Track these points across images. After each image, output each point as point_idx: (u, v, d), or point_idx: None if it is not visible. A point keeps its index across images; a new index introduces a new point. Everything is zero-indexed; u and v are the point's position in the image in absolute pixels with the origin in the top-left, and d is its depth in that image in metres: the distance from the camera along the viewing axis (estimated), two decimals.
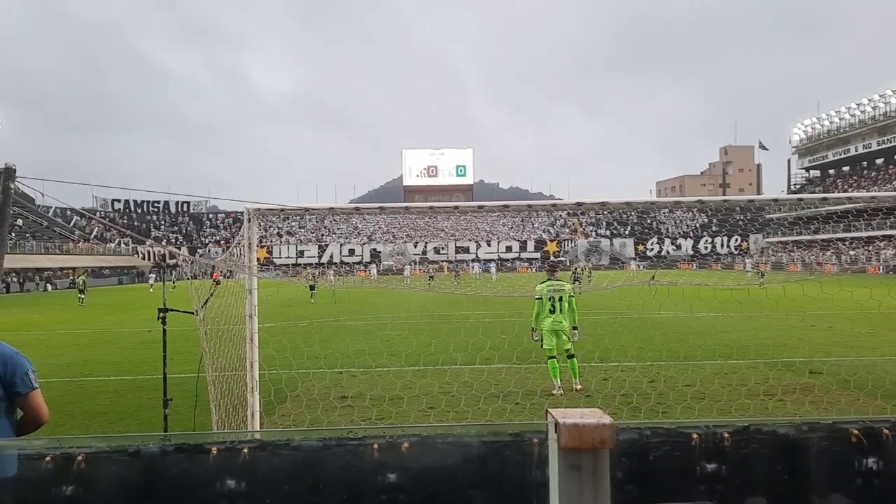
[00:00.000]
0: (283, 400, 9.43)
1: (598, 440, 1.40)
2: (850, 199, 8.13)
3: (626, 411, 8.87)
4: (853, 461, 3.61)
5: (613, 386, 10.44)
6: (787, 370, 11.89)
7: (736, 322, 19.59)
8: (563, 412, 1.48)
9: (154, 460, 3.55)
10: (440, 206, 9.25)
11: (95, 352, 17.13)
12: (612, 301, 26.99)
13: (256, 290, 7.27)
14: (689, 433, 3.63)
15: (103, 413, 10.00)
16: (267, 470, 3.55)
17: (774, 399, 9.40)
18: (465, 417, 8.71)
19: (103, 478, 3.47)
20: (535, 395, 9.90)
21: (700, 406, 9.05)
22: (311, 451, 3.53)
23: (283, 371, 10.43)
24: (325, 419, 8.68)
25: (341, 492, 3.32)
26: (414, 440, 3.29)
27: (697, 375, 11.16)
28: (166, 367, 7.34)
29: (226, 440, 3.93)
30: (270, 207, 8.10)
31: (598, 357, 12.91)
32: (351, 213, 8.22)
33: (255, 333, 7.14)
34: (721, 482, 3.57)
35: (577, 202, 8.60)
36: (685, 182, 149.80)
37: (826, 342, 15.69)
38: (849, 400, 9.34)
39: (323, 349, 15.01)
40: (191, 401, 7.19)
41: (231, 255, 8.03)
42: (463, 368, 11.85)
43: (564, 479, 1.43)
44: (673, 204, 13.07)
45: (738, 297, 23.28)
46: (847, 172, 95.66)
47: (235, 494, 3.48)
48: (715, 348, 14.30)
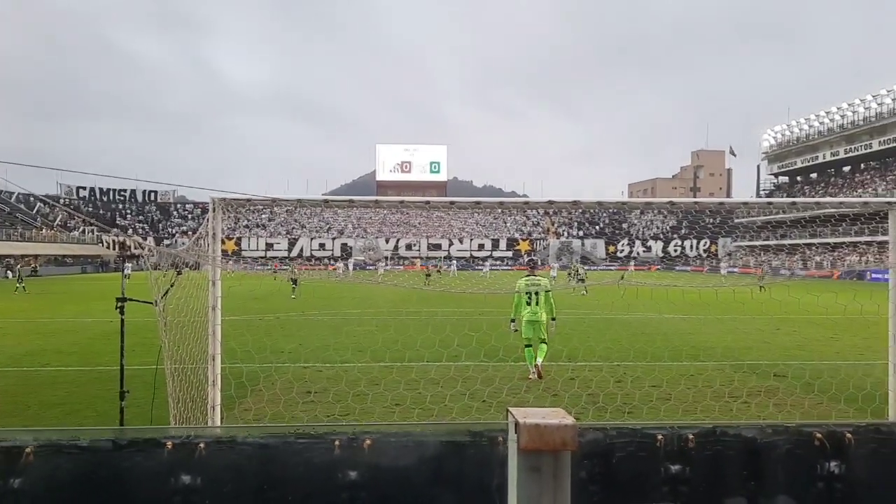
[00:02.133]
0: (245, 395, 9.26)
1: (560, 441, 1.32)
2: (818, 204, 8.19)
3: (593, 411, 8.86)
4: (816, 465, 3.60)
5: (580, 385, 10.43)
6: (753, 373, 11.99)
7: (703, 324, 19.77)
8: (525, 412, 1.40)
9: (106, 454, 3.42)
10: (411, 200, 9.13)
11: (54, 341, 16.76)
12: (581, 301, 27.11)
13: (220, 282, 7.12)
14: (654, 434, 3.58)
15: (59, 404, 9.75)
16: (224, 466, 3.43)
17: (739, 401, 9.45)
18: (430, 415, 8.63)
19: (52, 472, 3.34)
20: (502, 394, 9.85)
21: (666, 407, 9.07)
22: (269, 448, 3.42)
23: (245, 365, 10.25)
24: (287, 415, 8.55)
25: (301, 489, 3.21)
26: (376, 438, 3.20)
27: (664, 376, 11.20)
28: (124, 359, 7.16)
29: (181, 435, 3.80)
30: (237, 197, 7.93)
31: (566, 356, 12.91)
32: (319, 205, 8.08)
33: (218, 326, 6.99)
34: (685, 484, 3.53)
35: (549, 200, 8.55)
36: (657, 185, 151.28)
37: (791, 346, 15.88)
38: (812, 403, 9.43)
39: (287, 343, 14.85)
40: (149, 393, 7.01)
41: (196, 246, 7.85)
42: (430, 365, 11.77)
43: (523, 481, 1.35)
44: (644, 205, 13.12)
45: (706, 300, 23.51)
46: (815, 179, 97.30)
47: (190, 490, 3.36)
48: (682, 349, 14.39)
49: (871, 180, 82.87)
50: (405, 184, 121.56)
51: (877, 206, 8.76)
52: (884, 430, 3.93)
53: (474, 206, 8.48)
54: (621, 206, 13.02)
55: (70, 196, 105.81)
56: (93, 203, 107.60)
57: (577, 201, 8.32)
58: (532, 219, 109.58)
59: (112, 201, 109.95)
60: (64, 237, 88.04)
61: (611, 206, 9.44)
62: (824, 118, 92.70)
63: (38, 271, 69.29)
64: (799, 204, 10.19)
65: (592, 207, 8.99)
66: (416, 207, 9.21)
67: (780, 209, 73.79)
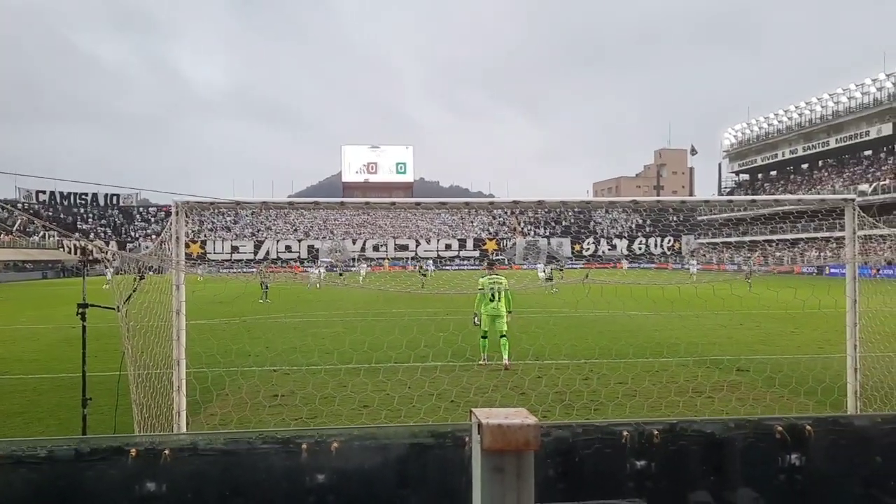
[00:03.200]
0: (211, 399, 9.16)
1: (523, 441, 1.33)
2: (777, 201, 8.34)
3: (560, 409, 8.92)
4: (777, 457, 3.67)
5: (547, 384, 10.50)
6: (716, 368, 12.17)
7: (667, 321, 20.02)
8: (488, 412, 1.41)
9: (68, 464, 3.36)
10: (377, 202, 9.13)
11: (13, 349, 16.39)
12: (548, 300, 27.29)
13: (183, 286, 7.04)
14: (620, 430, 3.63)
15: (20, 413, 9.55)
16: (190, 472, 3.39)
17: (703, 396, 9.60)
18: (398, 416, 8.63)
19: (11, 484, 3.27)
20: (470, 394, 9.89)
21: (632, 403, 9.18)
22: (236, 452, 3.40)
23: (210, 369, 10.15)
24: (253, 419, 8.48)
25: (268, 494, 3.20)
26: (342, 441, 3.20)
27: (629, 373, 11.33)
28: (86, 366, 7.04)
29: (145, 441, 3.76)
30: (200, 200, 7.85)
31: (533, 355, 12.99)
32: (285, 207, 8.06)
33: (182, 330, 6.91)
34: (650, 479, 3.58)
35: (514, 200, 8.61)
36: (621, 183, 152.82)
37: (753, 340, 16.15)
38: (773, 397, 9.61)
39: (253, 347, 14.72)
40: (112, 400, 6.91)
41: (159, 249, 7.75)
42: (397, 366, 11.76)
43: (487, 481, 1.36)
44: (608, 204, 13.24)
45: (670, 296, 23.82)
46: (775, 177, 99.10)
47: (155, 498, 3.33)
48: (647, 346, 14.56)
49: (829, 177, 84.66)
50: (371, 185, 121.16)
51: (833, 203, 8.97)
52: (842, 422, 4.02)
53: (440, 207, 8.50)
54: (586, 206, 13.18)
55: (29, 200, 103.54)
56: (53, 207, 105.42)
57: (541, 201, 8.39)
58: (498, 218, 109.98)
59: (73, 205, 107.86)
60: (23, 242, 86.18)
61: (575, 206, 9.53)
62: (783, 117, 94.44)
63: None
64: (759, 201, 10.38)
65: (557, 207, 9.07)
66: (383, 208, 9.23)
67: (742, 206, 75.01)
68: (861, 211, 8.13)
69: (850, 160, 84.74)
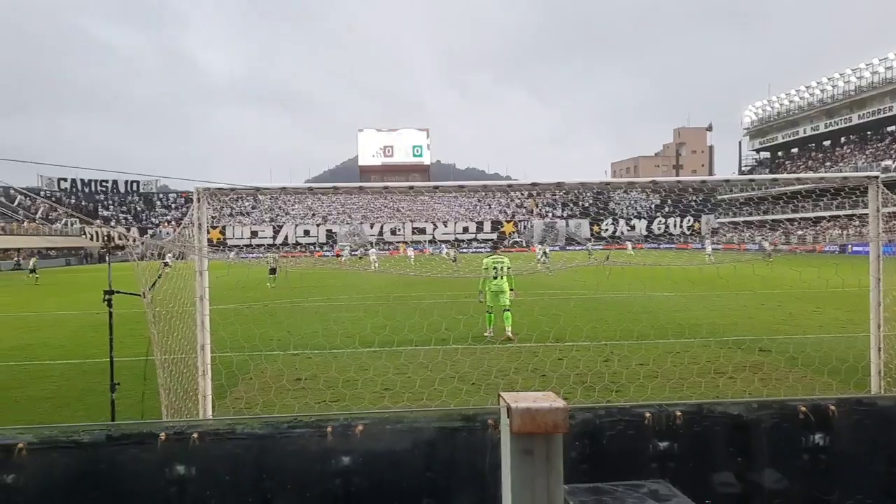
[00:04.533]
0: (236, 383, 9.28)
1: (551, 424, 1.36)
2: (798, 179, 8.25)
3: (581, 390, 8.95)
4: (801, 437, 3.68)
5: (568, 366, 10.52)
6: (738, 348, 12.12)
7: (688, 301, 19.92)
8: (516, 396, 1.44)
9: (100, 448, 3.44)
10: (395, 185, 9.14)
11: (40, 335, 16.66)
12: (568, 281, 27.23)
13: (207, 272, 7.12)
14: (643, 412, 3.65)
15: (48, 398, 9.73)
16: (218, 455, 3.46)
17: (725, 377, 9.57)
18: (420, 399, 8.69)
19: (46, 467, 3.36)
20: (491, 376, 9.93)
21: (653, 385, 9.17)
22: (262, 436, 3.46)
23: (235, 354, 10.26)
24: (278, 402, 8.58)
25: (294, 476, 3.26)
26: (368, 424, 3.24)
27: (651, 354, 11.31)
28: (113, 351, 7.16)
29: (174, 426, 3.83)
30: (221, 187, 7.91)
31: (554, 337, 13.00)
32: (304, 192, 8.09)
33: (206, 316, 6.99)
34: (673, 460, 3.61)
35: (533, 183, 8.58)
36: (640, 163, 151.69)
37: (775, 321, 16.05)
38: (796, 377, 9.57)
39: (276, 331, 14.85)
40: (140, 385, 7.02)
41: (181, 236, 7.83)
42: (418, 349, 11.83)
43: (517, 463, 1.39)
44: (627, 184, 13.17)
45: (691, 277, 23.69)
46: (796, 154, 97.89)
47: (185, 481, 3.40)
48: (668, 327, 14.52)
49: (851, 154, 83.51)
50: (388, 168, 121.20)
51: (857, 181, 8.85)
52: (866, 402, 4.02)
53: (458, 190, 8.50)
54: (605, 187, 13.05)
55: (51, 188, 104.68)
56: (75, 195, 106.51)
57: (560, 183, 8.36)
58: (515, 200, 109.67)
59: (94, 192, 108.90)
60: (46, 230, 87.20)
61: (595, 187, 9.50)
62: (804, 93, 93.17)
63: (21, 265, 68.67)
64: (780, 180, 10.29)
65: (576, 188, 9.02)
66: (401, 192, 9.24)
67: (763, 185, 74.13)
68: (885, 188, 8.03)
69: (874, 136, 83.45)
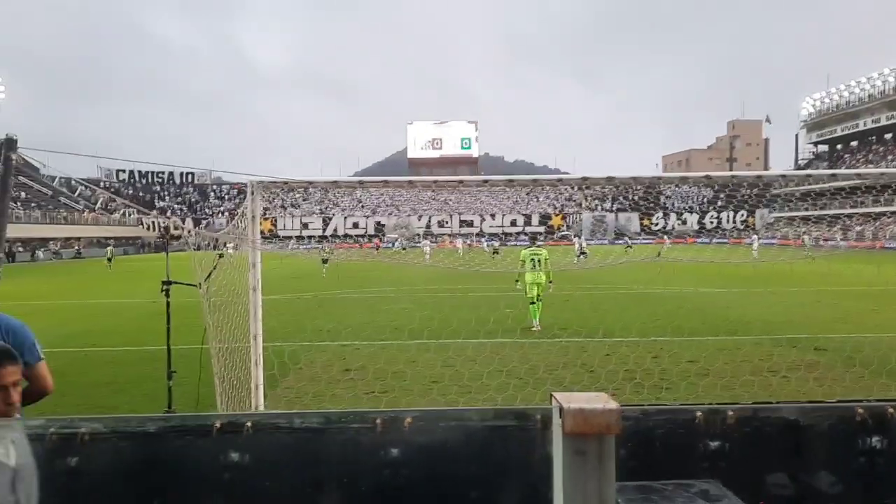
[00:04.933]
0: (287, 373, 9.45)
1: (604, 425, 1.36)
2: (858, 175, 8.02)
3: (630, 387, 8.87)
4: (857, 440, 3.60)
5: (617, 362, 10.44)
6: (792, 347, 11.86)
7: (741, 298, 19.56)
8: (568, 396, 1.44)
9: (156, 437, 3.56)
10: (444, 180, 9.20)
11: (99, 323, 17.20)
12: (616, 277, 26.97)
13: (259, 263, 7.25)
14: (693, 411, 3.62)
15: (107, 383, 10.05)
16: (269, 446, 3.55)
17: (778, 376, 9.39)
18: (468, 392, 8.72)
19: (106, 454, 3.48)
20: (539, 371, 9.91)
21: (704, 383, 9.05)
22: (313, 427, 3.53)
23: (286, 344, 10.45)
24: (328, 392, 8.71)
25: (343, 467, 3.32)
26: (417, 417, 3.28)
27: (701, 352, 11.15)
28: (170, 339, 7.35)
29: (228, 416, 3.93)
30: (274, 181, 8.04)
31: (602, 333, 12.91)
32: (354, 186, 8.17)
33: (259, 306, 7.13)
34: (724, 460, 3.57)
35: (583, 177, 8.50)
36: (692, 156, 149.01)
37: (831, 319, 15.65)
38: (853, 377, 9.32)
39: (326, 322, 15.05)
40: (195, 373, 7.20)
41: (235, 228, 7.99)
42: (466, 343, 11.86)
43: (569, 464, 1.40)
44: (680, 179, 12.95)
45: (744, 273, 23.25)
46: (855, 147, 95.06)
47: (238, 469, 3.49)
48: (719, 324, 14.28)
49: None
50: (437, 160, 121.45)
51: None
52: None
53: (507, 184, 8.47)
54: (656, 181, 12.85)
55: (110, 179, 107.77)
56: (132, 186, 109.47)
57: (611, 177, 8.27)
58: (564, 193, 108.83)
59: (151, 183, 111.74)
60: (105, 219, 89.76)
61: (646, 181, 9.38)
62: (865, 84, 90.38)
63: (81, 253, 70.88)
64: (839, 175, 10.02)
65: (627, 183, 8.93)
66: (450, 187, 9.23)
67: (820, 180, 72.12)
68: None
69: None
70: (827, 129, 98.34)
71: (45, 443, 3.38)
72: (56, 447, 3.40)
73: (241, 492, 3.26)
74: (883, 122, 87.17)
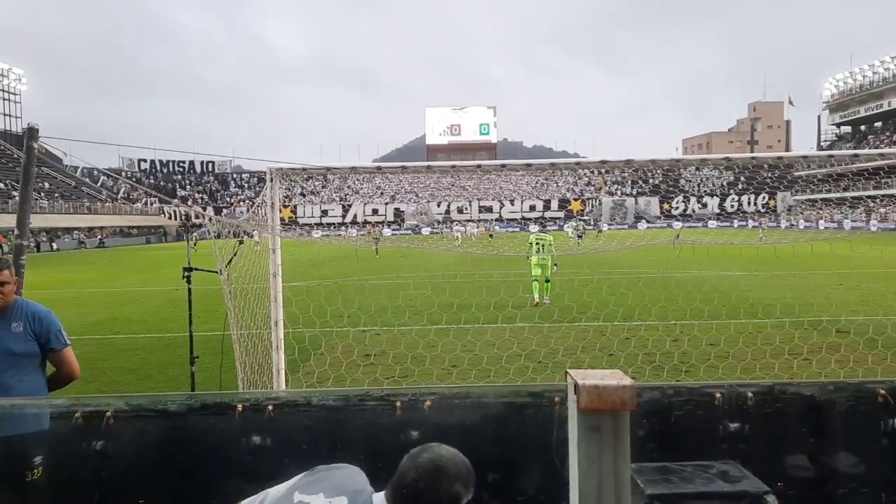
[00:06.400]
0: (308, 358, 9.54)
1: (619, 402, 1.37)
2: (882, 155, 7.91)
3: (650, 370, 8.86)
4: (879, 421, 3.58)
5: (636, 345, 10.42)
6: (814, 329, 11.77)
7: (761, 281, 19.41)
8: (583, 373, 1.46)
9: (181, 417, 3.63)
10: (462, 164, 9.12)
11: (124, 310, 17.41)
12: (636, 260, 26.84)
13: (279, 250, 7.30)
14: (712, 393, 3.62)
15: (132, 370, 10.20)
16: (291, 427, 3.60)
17: (800, 358, 9.33)
18: (487, 376, 8.76)
19: (130, 434, 3.55)
20: (558, 354, 9.92)
21: (724, 365, 9.02)
22: (333, 409, 3.58)
23: (306, 329, 10.53)
24: (348, 377, 8.78)
25: (363, 448, 3.36)
26: (436, 399, 3.31)
27: (721, 335, 11.08)
28: (192, 326, 7.44)
29: (251, 398, 3.99)
30: (293, 167, 8.09)
31: (622, 316, 12.88)
32: (373, 172, 8.20)
33: (279, 292, 7.19)
34: (744, 441, 3.56)
35: (602, 160, 8.47)
36: (712, 139, 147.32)
37: (853, 301, 15.50)
38: (876, 359, 9.24)
39: (346, 307, 15.12)
40: (217, 358, 7.29)
41: (255, 215, 8.05)
42: (485, 327, 11.89)
43: (584, 440, 1.41)
44: (699, 161, 12.85)
45: (764, 256, 23.05)
46: (879, 128, 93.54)
47: (260, 450, 3.55)
48: (740, 307, 14.19)
49: None
50: (455, 146, 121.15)
51: None
52: None
53: (526, 168, 8.43)
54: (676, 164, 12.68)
55: (132, 169, 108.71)
56: (153, 175, 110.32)
57: (630, 160, 8.22)
58: (584, 178, 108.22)
59: (172, 173, 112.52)
60: (127, 209, 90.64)
61: (665, 164, 9.31)
62: (889, 64, 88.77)
63: (104, 242, 71.63)
64: (862, 156, 9.88)
65: (646, 166, 8.86)
66: (468, 171, 9.24)
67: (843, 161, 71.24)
68: None
69: None
70: (850, 110, 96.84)
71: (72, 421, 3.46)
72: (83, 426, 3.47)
73: (263, 470, 3.32)
74: None
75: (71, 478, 3.52)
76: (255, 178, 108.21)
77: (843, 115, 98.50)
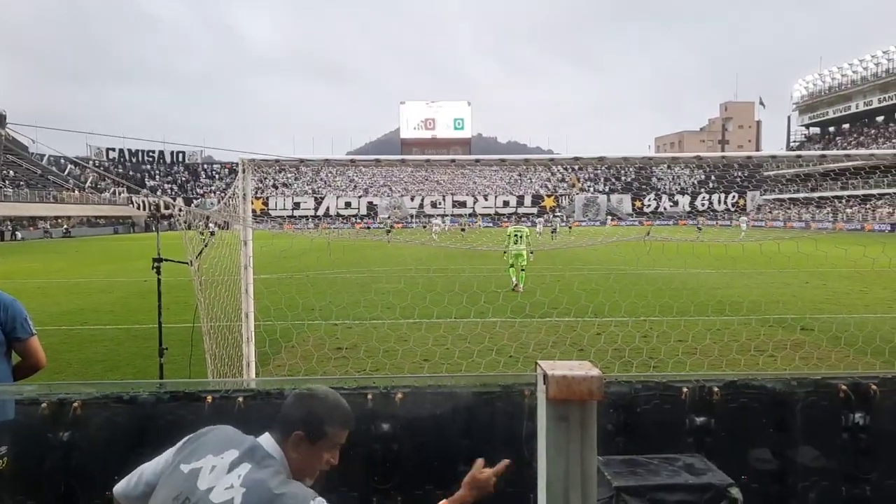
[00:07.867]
0: (279, 351, 9.49)
1: (586, 391, 1.40)
2: (848, 156, 8.06)
3: (619, 365, 8.96)
4: (840, 416, 3.66)
5: (606, 340, 10.52)
6: (779, 326, 11.98)
7: (730, 278, 19.68)
8: (553, 364, 1.48)
9: (149, 407, 3.60)
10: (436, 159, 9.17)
11: (90, 300, 17.17)
12: (607, 256, 27.07)
13: (251, 242, 7.26)
14: (680, 387, 3.67)
15: (100, 361, 10.07)
16: (261, 418, 3.58)
17: (765, 355, 9.49)
18: (459, 370, 8.78)
19: (98, 423, 3.52)
20: (529, 349, 9.98)
21: (691, 361, 9.14)
22: None
23: (278, 322, 10.47)
24: (319, 370, 8.76)
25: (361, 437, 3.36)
26: (407, 391, 3.33)
27: (690, 331, 11.24)
28: (161, 317, 7.36)
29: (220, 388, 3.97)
30: (265, 158, 8.02)
31: (592, 312, 12.99)
32: (346, 165, 8.16)
33: (251, 284, 7.15)
34: (709, 435, 3.63)
35: (575, 157, 8.52)
36: (684, 138, 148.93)
37: (819, 299, 15.79)
38: (839, 356, 9.44)
39: (318, 301, 15.06)
40: (186, 350, 7.23)
41: (226, 206, 7.98)
42: (458, 321, 11.91)
43: (552, 429, 1.43)
44: (671, 160, 13.01)
45: (733, 254, 23.37)
46: (847, 130, 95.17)
47: None
48: (708, 304, 14.39)
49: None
50: (429, 141, 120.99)
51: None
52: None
53: (499, 164, 8.47)
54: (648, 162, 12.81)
55: (100, 158, 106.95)
56: (122, 164, 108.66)
57: (603, 157, 8.28)
58: (557, 174, 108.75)
59: (141, 162, 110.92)
60: (95, 198, 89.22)
61: (637, 162, 9.40)
62: (857, 67, 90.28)
63: (70, 232, 70.52)
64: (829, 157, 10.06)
65: (618, 163, 8.94)
66: (442, 165, 9.23)
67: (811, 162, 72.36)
68: None
69: None
70: (819, 111, 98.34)
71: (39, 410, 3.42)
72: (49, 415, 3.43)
73: None
74: (875, 104, 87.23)
75: (37, 467, 3.48)
76: (227, 169, 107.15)
77: (812, 116, 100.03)
